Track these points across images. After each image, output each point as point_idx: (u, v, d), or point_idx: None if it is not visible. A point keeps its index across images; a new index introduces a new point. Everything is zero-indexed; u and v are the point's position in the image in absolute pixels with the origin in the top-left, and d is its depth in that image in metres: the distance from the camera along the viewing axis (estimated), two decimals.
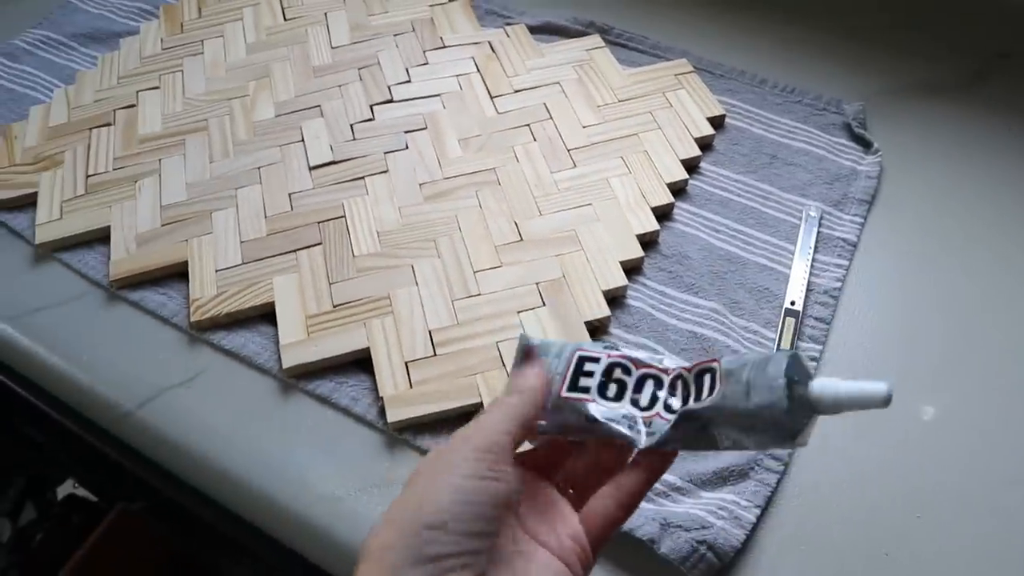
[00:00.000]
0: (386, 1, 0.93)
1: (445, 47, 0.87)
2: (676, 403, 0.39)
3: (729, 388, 0.36)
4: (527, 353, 0.41)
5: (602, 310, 0.65)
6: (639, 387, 0.39)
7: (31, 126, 0.83)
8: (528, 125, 0.79)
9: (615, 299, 0.68)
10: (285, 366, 0.64)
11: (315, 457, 0.60)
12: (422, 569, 0.31)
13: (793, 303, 0.66)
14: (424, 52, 0.86)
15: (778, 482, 0.58)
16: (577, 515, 0.39)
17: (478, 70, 0.84)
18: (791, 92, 0.82)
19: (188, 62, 0.88)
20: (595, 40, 0.86)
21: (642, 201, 0.72)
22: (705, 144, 0.78)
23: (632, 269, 0.69)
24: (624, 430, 0.39)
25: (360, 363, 0.65)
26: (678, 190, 0.74)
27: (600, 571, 0.54)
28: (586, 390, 0.40)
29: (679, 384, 0.39)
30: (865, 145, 0.77)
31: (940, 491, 0.57)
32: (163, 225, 0.73)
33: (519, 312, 0.65)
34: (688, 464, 0.58)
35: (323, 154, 0.78)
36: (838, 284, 0.68)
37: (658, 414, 0.39)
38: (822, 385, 0.35)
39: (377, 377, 0.62)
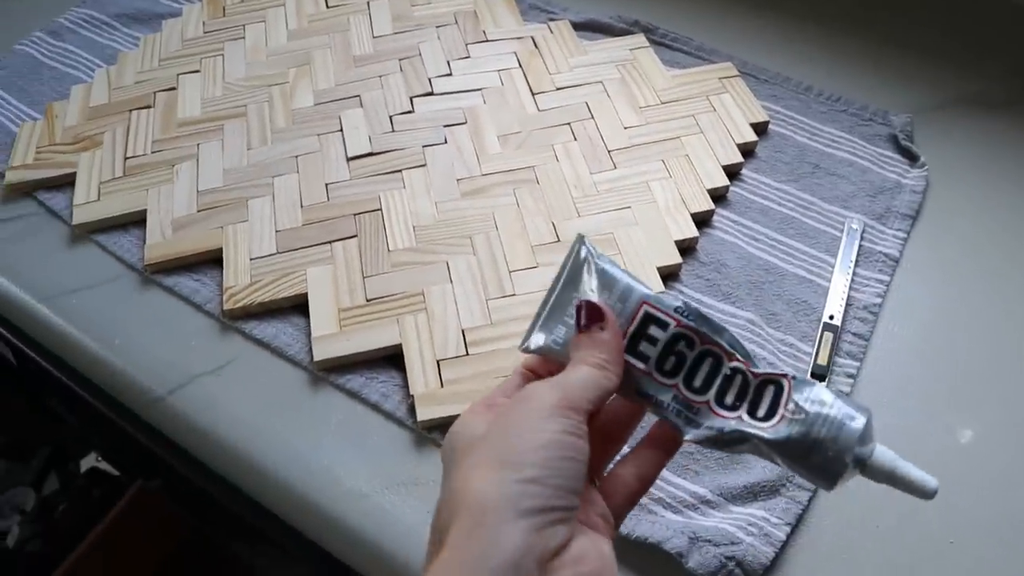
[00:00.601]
0: None
1: (487, 41, 0.86)
2: (729, 399, 0.37)
3: (794, 434, 0.35)
4: (594, 313, 0.37)
5: None
6: (696, 365, 0.38)
7: (72, 106, 0.83)
8: (569, 124, 0.78)
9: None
10: (316, 359, 0.63)
11: (343, 452, 0.60)
12: (524, 523, 0.30)
13: (832, 317, 0.65)
14: (466, 45, 0.86)
15: (809, 500, 0.57)
16: (597, 491, 0.38)
17: (520, 66, 0.83)
18: (837, 101, 0.81)
19: (229, 46, 0.87)
20: (639, 39, 0.85)
21: (682, 206, 0.71)
22: (747, 150, 0.77)
23: (669, 275, 0.69)
24: (673, 417, 0.38)
25: (392, 359, 0.64)
26: (718, 196, 0.73)
27: None
28: (645, 359, 0.38)
29: (738, 378, 0.38)
30: (911, 158, 0.76)
31: (974, 516, 0.56)
32: (199, 211, 0.73)
33: None
34: (719, 477, 0.57)
35: (361, 145, 0.77)
36: (878, 300, 0.67)
37: (708, 403, 0.38)
38: (882, 454, 0.35)
39: (408, 374, 0.62)
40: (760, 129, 0.78)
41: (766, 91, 0.82)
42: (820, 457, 0.35)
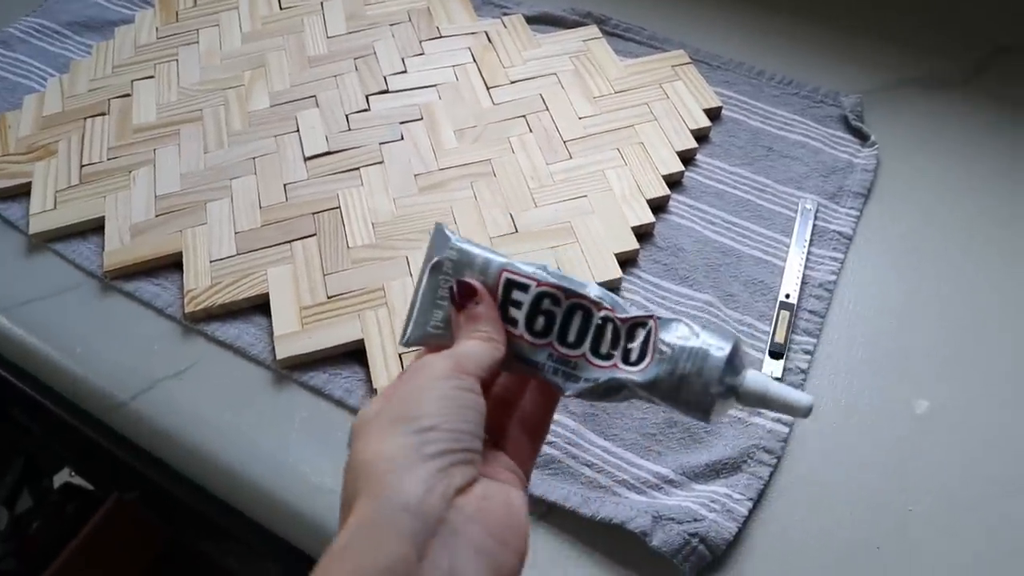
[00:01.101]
0: None
1: (441, 37, 0.86)
2: (604, 348, 0.38)
3: (662, 372, 0.36)
4: (467, 290, 0.38)
5: None
6: (567, 320, 0.38)
7: (25, 115, 0.82)
8: (524, 116, 0.78)
9: (609, 291, 0.67)
10: (279, 357, 0.63)
11: (309, 448, 0.60)
12: (428, 465, 0.31)
13: (788, 296, 0.66)
14: (420, 42, 0.86)
15: (771, 475, 0.58)
16: (501, 452, 0.38)
17: (474, 60, 0.84)
18: (788, 84, 0.82)
19: (183, 51, 0.87)
20: (592, 31, 0.86)
21: (637, 193, 0.72)
22: (701, 136, 0.78)
23: (627, 261, 0.69)
24: (550, 375, 0.38)
25: (354, 354, 0.65)
26: (674, 182, 0.74)
27: (591, 563, 0.55)
28: (514, 323, 0.38)
29: (609, 327, 0.38)
30: (862, 138, 0.77)
31: (932, 485, 0.57)
32: (157, 216, 0.73)
33: None
34: (680, 456, 0.58)
35: (318, 144, 0.77)
36: (833, 277, 0.68)
37: (584, 355, 0.38)
38: (753, 380, 0.35)
39: (371, 369, 0.62)
40: (713, 115, 0.79)
41: (719, 77, 0.83)
42: (689, 391, 0.35)
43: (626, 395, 0.38)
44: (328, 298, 0.66)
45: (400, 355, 0.63)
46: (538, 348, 0.38)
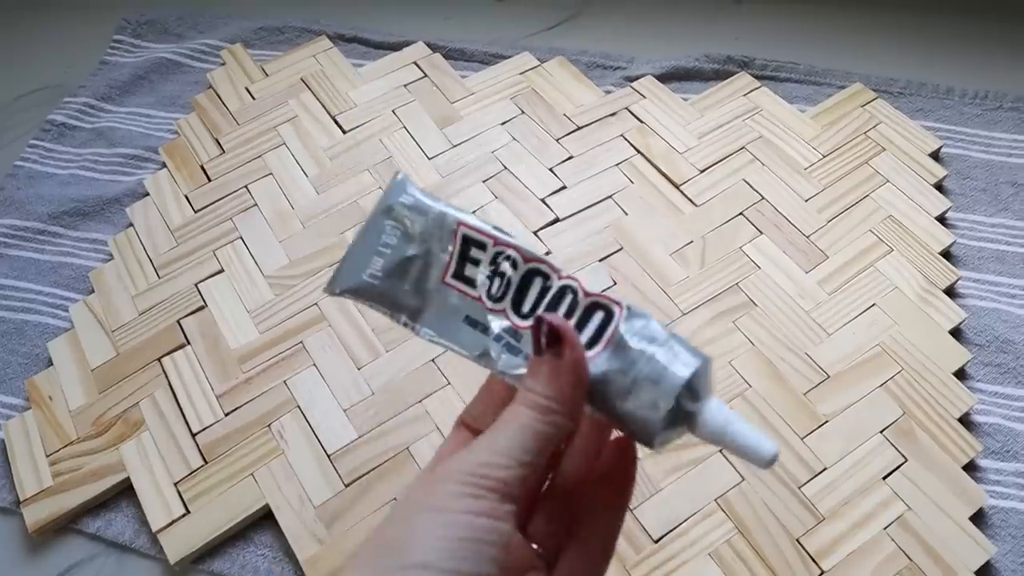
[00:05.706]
0: (462, 78, 0.72)
1: (579, 128, 0.68)
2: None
3: (614, 369, 0.29)
4: (552, 333, 0.28)
5: (971, 445, 0.52)
6: (523, 286, 0.32)
7: (64, 374, 0.57)
8: (741, 213, 0.62)
9: (960, 420, 0.54)
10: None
11: None
12: None
13: None
14: (557, 141, 0.67)
15: None
16: None
17: (638, 151, 0.66)
18: (984, 98, 0.70)
19: (242, 222, 0.64)
20: (745, 80, 0.70)
21: (928, 285, 0.59)
22: (937, 187, 0.65)
23: (956, 374, 0.56)
24: (494, 345, 0.31)
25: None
26: (944, 255, 0.61)
27: None
28: (471, 283, 0.32)
29: (567, 297, 0.31)
30: None
31: None
32: (348, 484, 0.52)
33: (885, 478, 0.51)
34: None
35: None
36: None
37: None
38: (714, 413, 0.29)
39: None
40: (935, 157, 0.66)
41: (908, 106, 0.70)
42: (638, 401, 0.29)
43: None
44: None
45: None
46: (494, 314, 0.32)
